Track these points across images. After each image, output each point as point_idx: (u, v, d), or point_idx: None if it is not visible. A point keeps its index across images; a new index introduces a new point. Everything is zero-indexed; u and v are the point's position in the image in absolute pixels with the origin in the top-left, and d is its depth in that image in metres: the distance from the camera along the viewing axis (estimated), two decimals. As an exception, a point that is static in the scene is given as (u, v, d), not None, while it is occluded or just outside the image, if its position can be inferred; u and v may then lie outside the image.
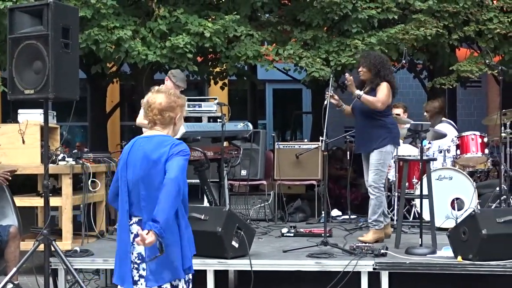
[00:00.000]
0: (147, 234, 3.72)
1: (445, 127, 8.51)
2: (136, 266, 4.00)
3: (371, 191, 7.00)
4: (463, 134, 8.43)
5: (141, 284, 3.97)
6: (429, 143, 8.29)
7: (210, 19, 9.85)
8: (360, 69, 7.04)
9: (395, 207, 8.23)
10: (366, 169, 7.18)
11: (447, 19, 9.98)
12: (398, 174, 8.18)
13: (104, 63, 10.36)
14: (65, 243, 6.87)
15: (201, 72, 11.32)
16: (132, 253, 4.00)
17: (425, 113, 8.86)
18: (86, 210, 7.25)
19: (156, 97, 4.05)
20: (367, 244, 6.31)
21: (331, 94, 6.91)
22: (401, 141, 8.14)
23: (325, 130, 6.70)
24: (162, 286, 3.97)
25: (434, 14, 9.99)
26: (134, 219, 4.00)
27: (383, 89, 6.93)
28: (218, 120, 7.82)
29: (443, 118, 8.99)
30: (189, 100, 9.50)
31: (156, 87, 4.17)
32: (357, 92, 6.93)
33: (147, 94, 4.14)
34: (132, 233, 4.00)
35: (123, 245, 4.04)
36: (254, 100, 15.26)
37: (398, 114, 8.61)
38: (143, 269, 3.97)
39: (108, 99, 14.22)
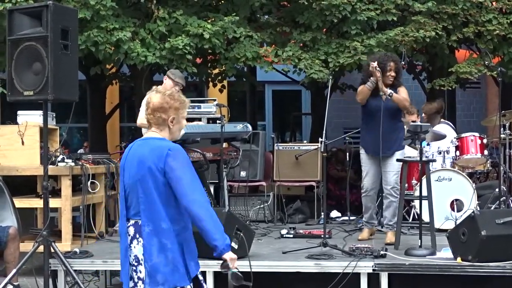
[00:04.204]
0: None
1: (444, 128, 8.50)
2: (134, 268, 4.00)
3: (393, 193, 7.07)
4: (463, 135, 8.43)
5: (140, 285, 3.98)
6: (427, 144, 8.29)
7: (209, 21, 9.85)
8: (393, 73, 7.03)
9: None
10: (374, 170, 7.19)
11: (446, 20, 9.99)
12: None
13: (104, 64, 10.36)
14: (64, 245, 6.87)
15: (200, 74, 11.32)
16: (130, 256, 4.01)
17: (423, 114, 8.87)
18: (86, 211, 7.25)
19: (152, 97, 4.05)
20: (366, 246, 6.31)
21: (375, 66, 6.88)
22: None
23: (324, 131, 6.71)
24: None
25: (433, 15, 9.99)
26: (131, 222, 4.00)
27: (405, 90, 7.11)
28: (218, 121, 7.83)
29: (441, 120, 8.99)
30: (188, 101, 9.49)
31: (158, 88, 4.18)
32: (389, 90, 6.94)
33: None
34: (129, 235, 4.00)
35: (123, 248, 4.05)
36: (254, 101, 15.25)
37: (414, 121, 8.61)
38: (140, 272, 3.97)
39: (108, 100, 14.21)
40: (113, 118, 15.19)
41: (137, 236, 3.96)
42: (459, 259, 5.80)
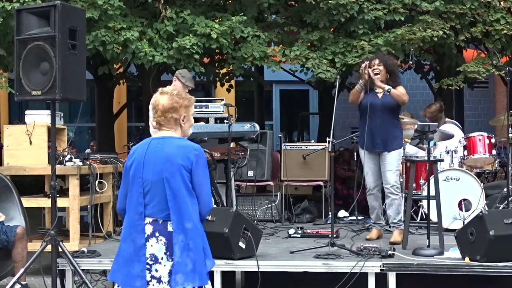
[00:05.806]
0: None
1: (451, 127, 8.48)
2: (148, 267, 3.96)
3: (393, 191, 7.06)
4: (471, 135, 8.41)
5: (153, 285, 3.95)
6: (434, 144, 8.27)
7: (216, 20, 9.86)
8: (376, 67, 7.03)
9: (402, 208, 8.21)
10: (373, 168, 7.17)
11: (454, 20, 9.97)
12: (405, 175, 8.16)
13: (111, 64, 10.38)
14: (72, 244, 6.88)
15: (208, 73, 11.33)
16: (145, 254, 3.97)
17: (426, 119, 8.84)
18: (93, 211, 7.26)
19: (159, 99, 4.05)
20: (374, 245, 6.29)
21: (364, 65, 6.96)
22: (407, 141, 8.15)
23: (332, 131, 6.70)
24: None
25: (441, 15, 9.98)
26: (148, 220, 3.97)
27: (402, 88, 7.06)
28: (225, 121, 7.82)
29: (447, 119, 8.96)
30: (196, 101, 9.50)
31: (163, 89, 4.17)
32: (388, 86, 6.95)
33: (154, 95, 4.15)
34: (145, 233, 3.97)
35: (136, 246, 3.99)
36: (261, 101, 15.27)
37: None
38: (156, 270, 3.95)
39: (115, 100, 14.25)
40: (121, 117, 15.22)
41: (157, 234, 3.94)
42: (467, 259, 5.78)
